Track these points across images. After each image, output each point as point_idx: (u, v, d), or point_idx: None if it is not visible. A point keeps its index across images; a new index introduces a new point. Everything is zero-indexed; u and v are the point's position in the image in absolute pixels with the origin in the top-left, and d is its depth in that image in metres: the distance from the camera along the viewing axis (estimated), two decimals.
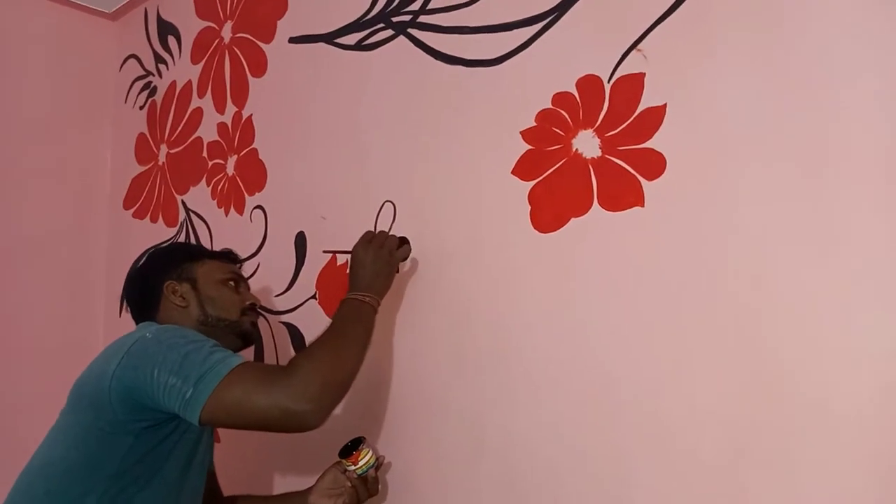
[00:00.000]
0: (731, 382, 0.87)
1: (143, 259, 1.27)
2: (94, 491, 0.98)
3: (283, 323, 1.49)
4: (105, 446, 0.99)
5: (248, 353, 1.54)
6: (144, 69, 2.03)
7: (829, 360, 0.80)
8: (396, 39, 1.34)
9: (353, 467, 1.14)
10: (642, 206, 0.97)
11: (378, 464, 1.16)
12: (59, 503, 0.98)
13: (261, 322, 1.52)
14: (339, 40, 1.44)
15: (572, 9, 1.09)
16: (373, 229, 1.29)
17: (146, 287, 1.18)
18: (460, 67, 1.22)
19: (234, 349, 1.18)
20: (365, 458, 1.13)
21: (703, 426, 0.89)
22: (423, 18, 1.29)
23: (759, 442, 0.85)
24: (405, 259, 1.22)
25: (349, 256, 1.18)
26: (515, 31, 1.15)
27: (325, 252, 1.30)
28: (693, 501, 0.89)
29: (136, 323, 1.18)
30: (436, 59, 1.26)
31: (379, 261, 1.15)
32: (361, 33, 1.40)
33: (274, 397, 0.92)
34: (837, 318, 0.80)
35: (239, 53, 1.68)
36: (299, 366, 0.96)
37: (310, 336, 1.43)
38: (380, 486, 1.19)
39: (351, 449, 1.14)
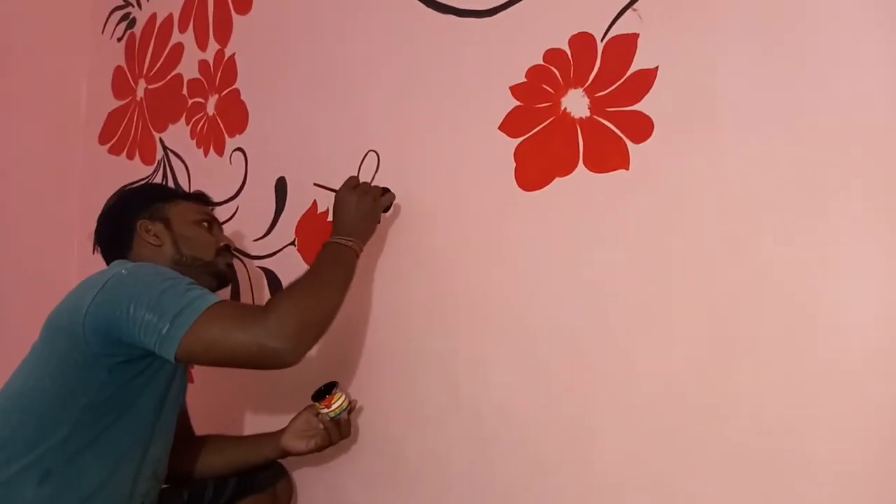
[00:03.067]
0: (704, 345, 0.89)
1: (115, 198, 1.25)
2: (67, 420, 0.98)
3: (261, 268, 1.48)
4: (79, 378, 0.99)
5: (225, 296, 1.53)
6: None
7: (804, 328, 0.82)
8: None
9: (325, 410, 1.15)
10: (627, 168, 0.98)
11: (350, 408, 1.18)
12: (33, 431, 0.98)
13: (238, 266, 1.52)
14: None
15: None
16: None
17: (118, 226, 1.16)
18: (452, 17, 1.20)
19: (209, 289, 1.18)
20: (338, 402, 1.15)
21: (674, 388, 0.91)
22: None
23: (727, 405, 0.87)
24: (389, 207, 1.22)
25: (332, 204, 1.17)
26: None
27: (315, 185, 1.28)
28: (658, 459, 0.92)
29: (108, 262, 1.16)
30: (427, 6, 1.23)
31: (363, 206, 1.15)
32: None
33: (252, 334, 0.93)
34: (816, 288, 0.82)
35: None
36: (278, 304, 0.97)
37: (287, 282, 1.42)
38: (351, 431, 1.21)
39: (324, 392, 1.16)
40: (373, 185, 1.21)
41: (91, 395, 0.99)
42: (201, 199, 1.26)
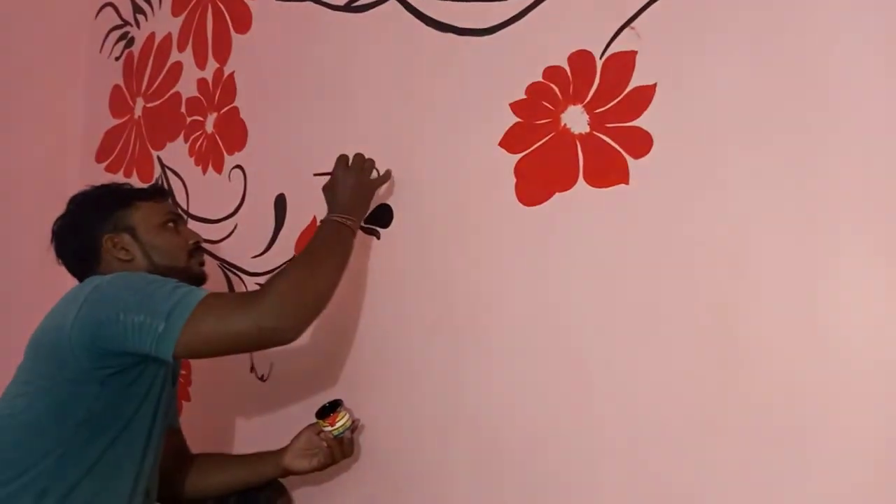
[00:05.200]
0: (704, 361, 0.90)
1: (69, 210, 1.17)
2: (62, 438, 0.98)
3: (260, 285, 1.47)
4: (71, 395, 0.98)
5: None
6: (122, 19, 1.97)
7: (800, 345, 0.83)
8: (387, 2, 1.31)
9: (329, 429, 1.15)
10: (627, 183, 0.99)
11: (354, 426, 1.18)
12: (28, 451, 0.98)
13: (236, 282, 1.52)
14: (328, 0, 1.42)
15: None
16: None
17: (82, 244, 1.13)
18: (451, 35, 1.21)
19: None
20: (342, 421, 1.15)
21: (675, 402, 0.92)
22: None
23: (726, 420, 0.87)
24: (384, 183, 1.22)
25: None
26: (510, 0, 1.14)
27: (315, 175, 1.28)
28: (662, 472, 0.92)
29: (78, 278, 1.13)
30: (427, 24, 1.25)
31: (360, 184, 1.15)
32: None
33: (250, 318, 0.93)
34: (814, 306, 0.83)
35: (223, 8, 1.64)
36: (273, 284, 0.98)
37: None
38: (354, 449, 1.20)
39: (328, 410, 1.15)
40: (367, 158, 1.20)
41: (84, 410, 0.98)
42: (158, 193, 1.21)
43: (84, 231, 1.13)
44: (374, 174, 1.23)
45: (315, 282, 1.00)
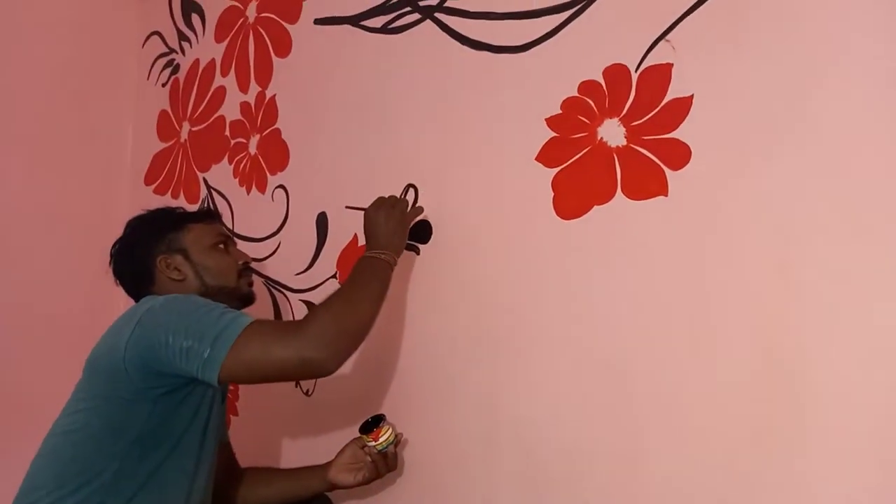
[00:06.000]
0: (751, 373, 0.89)
1: (126, 233, 1.22)
2: (117, 455, 1.01)
3: (304, 301, 1.51)
4: (125, 413, 1.02)
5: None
6: (168, 47, 2.04)
7: (851, 353, 0.82)
8: (423, 23, 1.34)
9: (373, 443, 1.16)
10: (666, 195, 0.99)
11: (397, 441, 1.19)
12: (85, 467, 1.01)
13: (281, 300, 1.55)
14: (364, 23, 1.45)
15: None
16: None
17: (137, 264, 1.17)
18: (486, 53, 1.23)
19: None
20: (386, 435, 1.16)
21: (721, 416, 0.91)
22: (450, 3, 1.30)
23: (775, 433, 0.86)
24: (416, 217, 1.25)
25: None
26: (543, 18, 1.16)
27: (347, 208, 1.33)
28: (708, 489, 0.91)
29: (134, 298, 1.19)
30: (462, 44, 1.27)
31: (392, 220, 1.18)
32: (388, 16, 1.41)
33: (291, 347, 0.96)
34: (861, 312, 0.81)
35: (263, 33, 1.69)
36: (315, 317, 1.00)
37: None
38: (397, 464, 1.21)
39: (372, 425, 1.17)
40: (400, 198, 1.23)
41: (138, 428, 1.02)
42: (209, 216, 1.26)
43: (139, 253, 1.18)
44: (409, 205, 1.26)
45: (354, 315, 1.03)
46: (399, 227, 1.19)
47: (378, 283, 1.11)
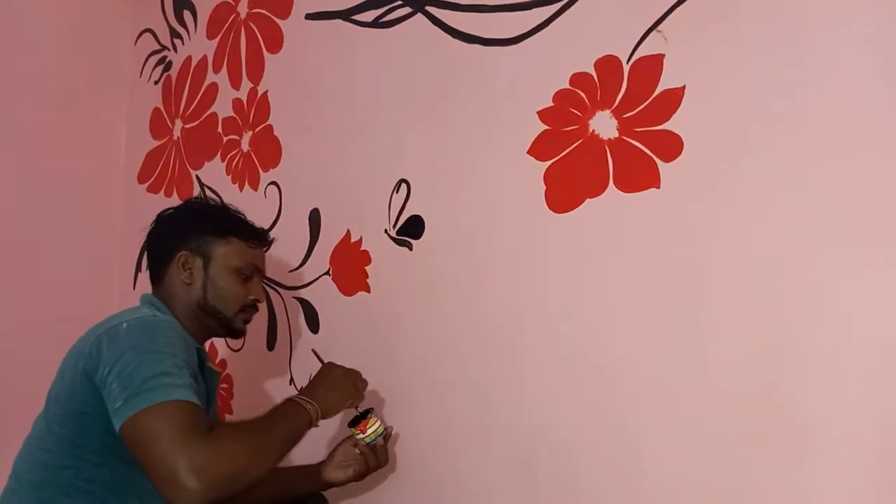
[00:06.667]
0: (746, 368, 0.88)
1: (180, 209, 1.21)
2: (85, 462, 0.99)
3: (297, 298, 1.50)
4: (82, 424, 0.99)
5: (261, 325, 1.56)
6: (160, 44, 2.03)
7: (848, 348, 0.81)
8: (414, 17, 1.33)
9: (361, 435, 1.16)
10: (658, 187, 0.98)
11: (386, 433, 1.19)
12: (55, 473, 1.00)
13: (274, 297, 1.55)
14: (356, 17, 1.44)
15: None
16: (387, 207, 1.31)
17: (163, 245, 1.16)
18: (478, 46, 1.22)
19: (214, 336, 1.20)
20: (373, 427, 1.16)
21: (715, 413, 0.90)
22: None
23: (770, 430, 0.86)
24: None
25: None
26: (534, 10, 1.15)
27: (312, 350, 1.31)
28: (702, 481, 0.91)
29: (150, 271, 1.18)
30: (453, 37, 1.26)
31: (341, 383, 1.14)
32: (379, 10, 1.40)
33: (175, 454, 0.87)
34: (857, 306, 0.81)
35: (255, 29, 1.68)
36: (219, 443, 0.90)
37: (323, 312, 1.44)
38: (388, 458, 1.21)
39: (360, 418, 1.17)
40: (362, 378, 1.18)
41: (98, 440, 0.98)
42: (258, 237, 1.21)
43: (171, 235, 1.16)
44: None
45: (253, 462, 0.94)
46: (342, 392, 1.13)
47: (292, 433, 1.03)
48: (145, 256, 1.20)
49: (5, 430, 1.67)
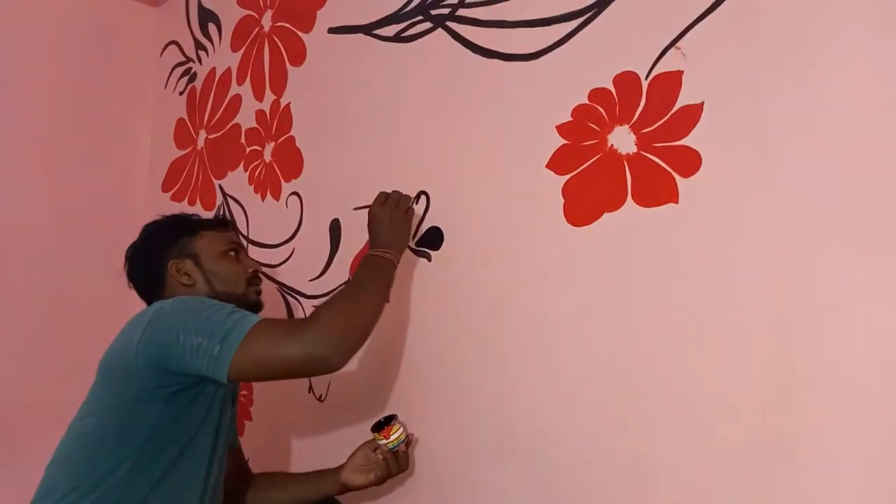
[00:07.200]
0: (764, 382, 0.88)
1: (141, 237, 1.25)
2: (130, 454, 1.03)
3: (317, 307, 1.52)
4: (137, 412, 1.04)
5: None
6: (185, 55, 2.08)
7: (864, 362, 0.81)
8: (435, 32, 1.36)
9: (384, 441, 1.18)
10: (676, 202, 0.99)
11: (408, 440, 1.20)
12: (98, 467, 1.03)
13: (294, 305, 1.57)
14: (377, 32, 1.47)
15: (611, 5, 1.10)
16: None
17: (150, 268, 1.21)
18: (497, 61, 1.24)
19: None
20: (396, 434, 1.18)
21: (734, 425, 0.91)
22: (461, 12, 1.31)
23: (790, 443, 0.86)
24: (414, 213, 1.26)
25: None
26: (554, 26, 1.16)
27: (355, 209, 1.36)
28: (719, 496, 0.91)
29: (146, 301, 1.21)
30: (473, 52, 1.28)
31: (395, 219, 1.21)
32: (400, 25, 1.42)
33: (299, 345, 0.97)
34: (875, 321, 0.81)
35: (278, 42, 1.72)
36: (321, 315, 1.02)
37: None
38: (409, 463, 1.23)
39: (383, 424, 1.19)
40: (403, 195, 1.26)
41: (150, 427, 1.03)
42: (223, 224, 1.28)
43: (152, 256, 1.21)
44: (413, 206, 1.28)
45: (359, 312, 1.05)
46: (401, 226, 1.22)
47: (381, 281, 1.13)
48: (137, 294, 1.25)
49: (30, 430, 1.72)
